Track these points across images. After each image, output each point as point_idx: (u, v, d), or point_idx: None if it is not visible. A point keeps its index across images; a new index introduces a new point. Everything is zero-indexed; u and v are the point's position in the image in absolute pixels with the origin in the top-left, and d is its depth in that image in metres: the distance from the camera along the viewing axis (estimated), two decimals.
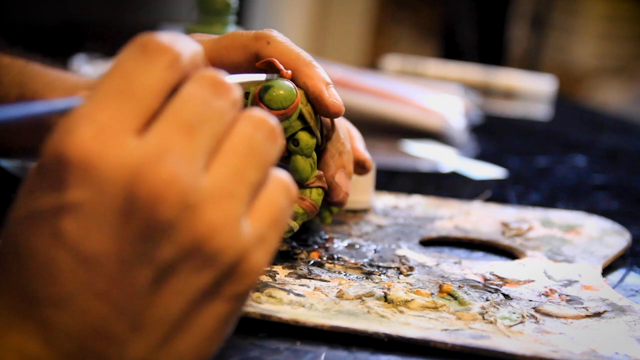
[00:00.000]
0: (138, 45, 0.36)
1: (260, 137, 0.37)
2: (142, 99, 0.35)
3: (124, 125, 0.35)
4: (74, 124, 0.34)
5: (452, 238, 0.69)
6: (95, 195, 0.34)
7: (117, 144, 0.34)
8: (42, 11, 1.96)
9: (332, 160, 0.59)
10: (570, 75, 2.68)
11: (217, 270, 0.36)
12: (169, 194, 0.34)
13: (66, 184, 0.34)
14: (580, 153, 1.12)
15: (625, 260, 0.67)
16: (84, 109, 0.35)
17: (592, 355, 0.49)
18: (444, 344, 0.50)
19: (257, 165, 0.37)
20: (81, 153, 0.34)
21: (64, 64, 1.09)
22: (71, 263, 0.35)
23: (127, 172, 0.34)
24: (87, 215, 0.34)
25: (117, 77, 0.35)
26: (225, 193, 0.36)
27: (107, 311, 0.35)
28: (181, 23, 0.94)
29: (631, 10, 2.82)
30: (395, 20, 2.99)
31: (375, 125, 1.10)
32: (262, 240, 0.37)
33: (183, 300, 0.36)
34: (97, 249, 0.34)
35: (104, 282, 0.35)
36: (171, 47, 0.36)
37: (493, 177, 0.94)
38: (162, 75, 0.36)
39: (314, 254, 0.60)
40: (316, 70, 0.57)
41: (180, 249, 0.35)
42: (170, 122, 0.35)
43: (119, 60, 0.36)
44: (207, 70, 0.37)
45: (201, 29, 0.82)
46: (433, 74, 1.44)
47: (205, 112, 0.36)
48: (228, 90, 0.37)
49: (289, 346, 0.49)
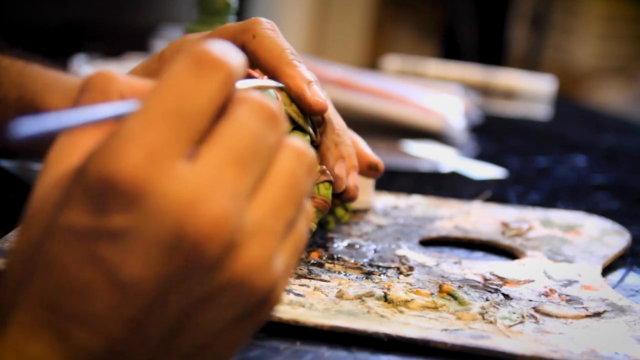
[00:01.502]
0: (192, 59, 0.34)
1: (301, 171, 0.37)
2: (194, 121, 0.34)
3: (175, 150, 0.33)
4: (122, 146, 0.33)
5: (452, 238, 0.69)
6: (141, 223, 0.33)
7: (168, 171, 0.33)
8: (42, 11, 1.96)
9: (329, 153, 0.59)
10: (570, 75, 2.68)
11: (250, 304, 0.36)
12: (218, 233, 0.33)
13: (111, 209, 0.33)
14: (580, 153, 1.12)
15: (625, 260, 0.67)
16: (133, 128, 0.33)
17: (592, 355, 0.49)
18: (443, 344, 0.50)
19: (295, 200, 0.36)
20: (130, 179, 0.33)
21: (64, 64, 1.09)
22: (104, 286, 0.34)
23: (177, 205, 0.33)
24: (129, 243, 0.33)
25: (169, 95, 0.34)
26: (266, 230, 0.35)
27: (132, 337, 0.34)
28: (181, 23, 0.95)
29: (631, 10, 2.82)
30: (395, 20, 2.99)
31: (375, 125, 1.10)
32: (287, 270, 0.37)
33: (211, 331, 0.36)
34: (134, 277, 0.34)
35: (135, 309, 0.34)
36: (227, 63, 0.35)
37: (493, 177, 0.94)
38: (216, 95, 0.34)
39: (314, 254, 0.60)
40: (297, 69, 0.56)
41: (218, 286, 0.34)
42: (223, 152, 0.34)
43: (171, 74, 0.34)
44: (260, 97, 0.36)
45: (201, 29, 0.82)
46: (433, 74, 1.44)
47: (259, 147, 0.35)
48: (279, 124, 0.36)
49: (289, 346, 0.49)
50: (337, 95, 1.08)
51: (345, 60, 1.81)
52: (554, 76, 1.52)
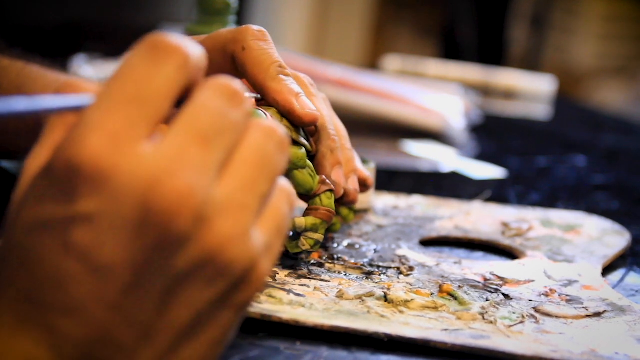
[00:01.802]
0: (147, 46, 0.35)
1: (271, 147, 0.37)
2: (153, 104, 0.35)
3: (136, 132, 0.34)
4: (85, 132, 0.34)
5: (452, 238, 0.69)
6: (108, 205, 0.34)
7: (131, 153, 0.34)
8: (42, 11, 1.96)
9: (325, 160, 0.59)
10: (570, 75, 2.68)
11: (228, 280, 0.36)
12: (184, 207, 0.34)
13: (78, 194, 0.34)
14: (580, 153, 1.12)
15: (625, 260, 0.67)
16: (94, 115, 0.34)
17: (592, 355, 0.49)
18: (444, 344, 0.50)
19: (267, 175, 0.37)
20: (93, 163, 0.33)
21: (64, 65, 1.09)
22: (82, 273, 0.34)
23: (141, 183, 0.34)
24: (100, 225, 0.34)
25: (126, 81, 0.35)
26: (237, 204, 0.36)
27: (116, 320, 0.35)
28: (181, 23, 0.95)
29: (631, 10, 2.82)
30: (395, 20, 2.99)
31: (375, 125, 1.10)
32: (269, 249, 0.37)
33: (193, 310, 0.36)
34: (109, 259, 0.34)
35: (115, 292, 0.34)
36: (181, 48, 0.36)
37: (493, 177, 0.94)
38: (173, 78, 0.35)
39: (314, 254, 0.60)
40: (283, 84, 0.56)
41: (193, 261, 0.35)
42: (186, 132, 0.35)
43: (128, 62, 0.35)
44: (222, 78, 0.37)
45: (201, 29, 0.82)
46: (433, 74, 1.44)
47: (221, 123, 0.36)
48: (243, 101, 0.37)
49: (289, 346, 0.49)
50: (337, 95, 1.08)
51: (345, 60, 1.81)
52: (554, 76, 1.52)
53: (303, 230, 0.57)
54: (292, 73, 0.58)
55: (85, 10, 2.05)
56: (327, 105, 0.61)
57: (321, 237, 0.58)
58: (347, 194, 0.60)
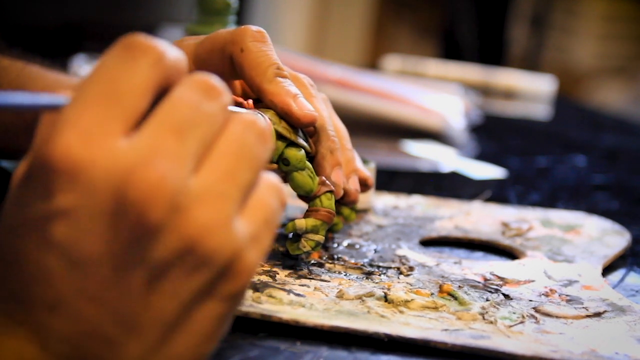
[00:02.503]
0: (121, 46, 0.36)
1: (251, 137, 0.37)
2: (127, 100, 0.35)
3: (110, 128, 0.34)
4: (59, 130, 0.34)
5: (452, 238, 0.69)
6: (84, 199, 0.34)
7: (104, 147, 0.34)
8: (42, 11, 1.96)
9: (325, 161, 0.59)
10: (570, 75, 2.68)
11: (212, 270, 0.36)
12: (158, 196, 0.34)
13: (54, 191, 0.34)
14: (580, 153, 1.12)
15: (625, 260, 0.67)
16: (68, 113, 0.35)
17: (592, 355, 0.49)
18: (444, 344, 0.50)
19: (248, 165, 0.37)
20: (67, 158, 0.34)
21: (64, 64, 1.09)
22: (63, 268, 0.35)
23: (115, 175, 0.34)
24: (77, 220, 0.34)
25: (100, 79, 0.35)
26: (215, 193, 0.36)
27: (101, 314, 0.35)
28: (181, 23, 0.95)
29: (631, 10, 2.82)
30: (395, 20, 2.99)
31: (375, 125, 1.10)
32: (255, 240, 0.37)
33: (178, 301, 0.36)
34: (88, 253, 0.35)
35: (97, 285, 0.35)
36: (154, 46, 0.36)
37: (493, 177, 0.94)
38: (147, 74, 0.36)
39: (314, 254, 0.60)
40: (281, 85, 0.56)
41: (172, 250, 0.35)
42: (160, 125, 0.35)
43: (103, 61, 0.36)
44: (198, 74, 0.37)
45: (201, 29, 0.82)
46: (433, 74, 1.44)
47: (196, 115, 0.36)
48: (219, 94, 0.37)
49: (289, 346, 0.49)
50: (337, 95, 1.08)
51: (345, 60, 1.81)
52: (554, 76, 1.52)
53: (304, 232, 0.57)
54: (291, 74, 0.58)
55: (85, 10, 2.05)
56: (327, 106, 0.61)
57: (322, 238, 0.58)
58: (347, 194, 0.60)
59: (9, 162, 0.74)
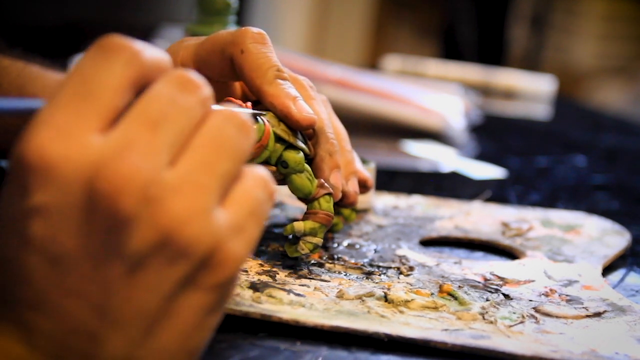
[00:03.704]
0: (96, 46, 0.36)
1: (230, 129, 0.37)
2: (101, 97, 0.35)
3: (84, 125, 0.35)
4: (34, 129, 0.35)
5: (452, 238, 0.69)
6: (57, 195, 0.34)
7: (77, 143, 0.34)
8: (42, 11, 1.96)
9: (324, 163, 0.59)
10: (570, 75, 2.68)
11: (191, 260, 0.36)
12: (129, 187, 0.34)
13: (29, 188, 0.34)
14: (580, 153, 1.12)
15: (625, 260, 0.67)
16: (43, 113, 0.35)
17: (592, 355, 0.49)
18: (444, 344, 0.50)
19: (227, 156, 0.37)
20: (40, 155, 0.34)
21: (64, 65, 1.09)
22: (42, 265, 0.35)
23: (87, 169, 0.34)
24: (52, 216, 0.35)
25: (75, 79, 0.36)
26: (192, 184, 0.35)
27: (83, 309, 0.35)
28: (181, 23, 0.95)
29: (631, 10, 2.82)
30: (395, 20, 2.99)
31: (375, 125, 1.10)
32: (239, 230, 0.37)
33: (159, 292, 0.36)
34: (65, 248, 0.35)
35: (76, 280, 0.35)
36: (129, 45, 0.36)
37: (493, 177, 0.94)
38: (121, 72, 0.36)
39: (314, 254, 0.60)
40: (281, 88, 0.56)
41: (148, 242, 0.35)
42: (134, 119, 0.35)
43: (79, 62, 0.36)
44: (176, 70, 0.37)
45: (201, 29, 0.82)
46: (433, 74, 1.44)
47: (171, 109, 0.36)
48: (196, 88, 0.37)
49: (289, 346, 0.49)
50: (337, 95, 1.08)
51: (345, 60, 1.81)
52: (554, 76, 1.52)
53: (302, 234, 0.57)
54: (291, 76, 0.58)
55: (85, 10, 2.05)
56: (326, 107, 0.61)
57: (320, 241, 0.58)
58: (346, 197, 0.60)
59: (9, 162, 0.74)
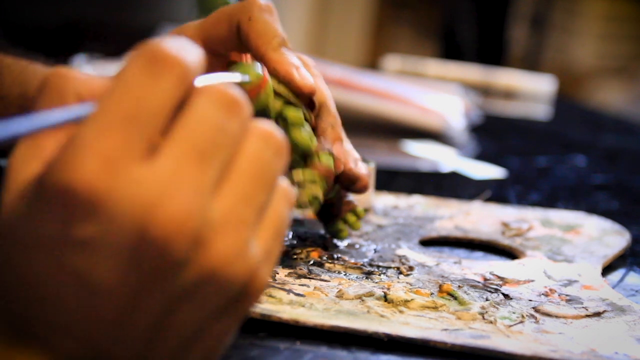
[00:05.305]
0: (144, 58, 0.33)
1: (269, 154, 0.36)
2: (150, 122, 0.33)
3: (132, 153, 0.33)
4: (78, 154, 0.32)
5: (452, 238, 0.69)
6: (104, 232, 0.33)
7: (126, 176, 0.33)
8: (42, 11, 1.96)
9: (326, 134, 0.59)
10: (570, 75, 2.68)
11: (228, 295, 0.35)
12: (181, 232, 0.33)
13: (73, 218, 0.33)
14: (580, 153, 1.12)
15: (625, 260, 0.67)
16: (88, 135, 0.33)
17: (592, 355, 0.49)
18: (443, 343, 0.50)
19: (265, 185, 0.36)
20: (89, 188, 0.32)
21: (65, 64, 1.09)
22: (78, 294, 0.34)
23: (137, 208, 0.33)
24: (96, 250, 0.33)
25: (122, 98, 0.33)
26: (235, 221, 0.35)
27: (113, 339, 0.34)
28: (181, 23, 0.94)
29: (631, 10, 2.82)
30: (395, 20, 2.99)
31: (375, 125, 1.10)
32: (269, 256, 0.37)
33: (192, 326, 0.36)
34: (105, 282, 0.33)
35: (111, 313, 0.34)
36: (181, 60, 0.34)
37: (493, 177, 0.94)
38: (172, 94, 0.34)
39: (314, 254, 0.60)
40: (284, 56, 0.57)
41: (192, 282, 0.34)
42: (182, 148, 0.33)
43: (123, 75, 0.33)
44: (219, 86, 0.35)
45: None
46: (433, 74, 1.44)
47: (219, 137, 0.34)
48: (240, 109, 0.35)
49: (289, 346, 0.49)
50: (337, 95, 1.07)
51: (345, 60, 1.81)
52: (554, 76, 1.52)
53: (301, 181, 0.56)
54: (296, 54, 0.59)
55: (85, 10, 2.05)
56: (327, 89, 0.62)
57: (319, 194, 0.57)
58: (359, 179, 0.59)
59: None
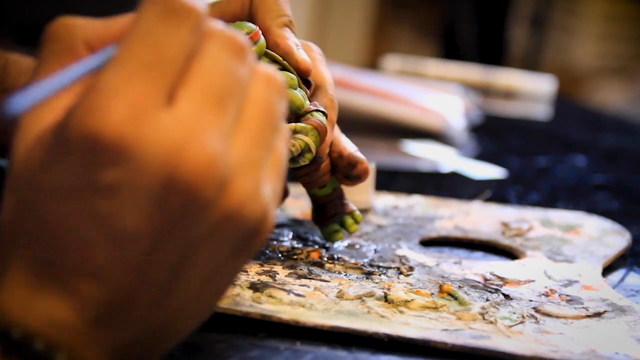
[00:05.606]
0: (159, 7, 0.35)
1: (274, 97, 0.38)
2: (169, 69, 0.35)
3: (154, 99, 0.34)
4: (104, 100, 0.33)
5: (452, 238, 0.69)
6: (132, 176, 0.34)
7: (152, 120, 0.34)
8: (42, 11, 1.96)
9: None
10: (570, 75, 2.68)
11: (245, 233, 0.36)
12: (210, 175, 0.34)
13: (100, 164, 0.34)
14: (580, 153, 1.12)
15: (625, 260, 0.67)
16: (112, 81, 0.34)
17: (592, 355, 0.49)
18: (444, 344, 0.50)
19: (272, 126, 0.38)
20: (117, 134, 0.33)
21: None
22: (103, 239, 0.35)
23: (164, 153, 0.34)
24: (123, 196, 0.34)
25: (144, 45, 0.34)
26: (250, 162, 0.36)
27: (137, 283, 0.35)
28: None
29: (631, 10, 2.82)
30: (395, 20, 2.99)
31: (375, 125, 1.10)
32: (274, 194, 0.38)
33: (211, 265, 0.37)
34: (130, 227, 0.34)
35: (135, 257, 0.35)
36: (195, 8, 0.35)
37: (493, 177, 0.94)
38: (189, 40, 0.35)
39: (314, 254, 0.60)
40: (287, 32, 0.59)
41: (214, 222, 0.35)
42: (201, 93, 0.35)
43: (142, 23, 0.35)
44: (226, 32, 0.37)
45: None
46: (433, 74, 1.44)
47: (233, 82, 0.36)
48: (247, 54, 0.37)
49: (289, 346, 0.49)
50: (337, 95, 1.07)
51: (345, 60, 1.81)
52: (554, 76, 1.52)
53: (292, 132, 0.56)
54: (303, 42, 0.60)
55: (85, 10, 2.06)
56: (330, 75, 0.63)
57: (312, 145, 0.56)
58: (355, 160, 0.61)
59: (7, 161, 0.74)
